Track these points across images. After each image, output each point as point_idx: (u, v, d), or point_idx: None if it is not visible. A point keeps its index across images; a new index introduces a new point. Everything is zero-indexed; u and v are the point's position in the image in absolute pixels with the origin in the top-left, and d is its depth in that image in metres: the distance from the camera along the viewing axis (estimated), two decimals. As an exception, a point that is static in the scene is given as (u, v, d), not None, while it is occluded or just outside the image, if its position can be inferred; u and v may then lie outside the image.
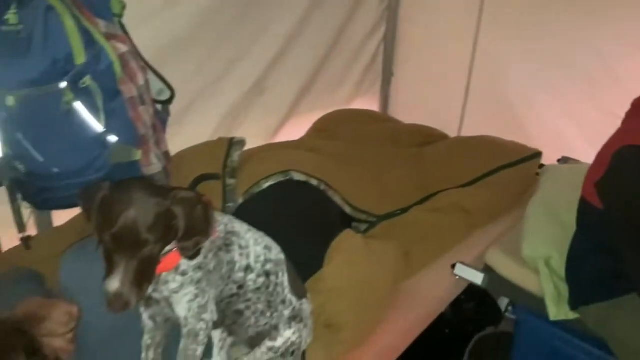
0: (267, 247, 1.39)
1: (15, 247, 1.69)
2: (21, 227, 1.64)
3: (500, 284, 1.79)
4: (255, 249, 1.36)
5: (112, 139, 1.44)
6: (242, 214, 1.71)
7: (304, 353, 1.47)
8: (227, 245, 1.29)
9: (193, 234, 1.15)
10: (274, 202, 1.81)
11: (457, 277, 1.86)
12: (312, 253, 1.71)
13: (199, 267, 1.21)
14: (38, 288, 1.49)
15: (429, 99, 2.88)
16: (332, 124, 2.58)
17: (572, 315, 1.60)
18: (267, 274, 1.37)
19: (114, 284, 1.06)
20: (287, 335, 1.42)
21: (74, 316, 1.33)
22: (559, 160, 2.39)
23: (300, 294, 1.48)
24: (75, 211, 1.77)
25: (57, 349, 1.32)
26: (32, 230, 1.72)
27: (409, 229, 2.00)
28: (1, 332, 1.26)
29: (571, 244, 1.60)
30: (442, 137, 2.61)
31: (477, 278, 1.81)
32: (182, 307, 1.23)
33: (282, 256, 1.44)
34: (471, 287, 1.92)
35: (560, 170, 2.20)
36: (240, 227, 1.36)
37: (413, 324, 1.74)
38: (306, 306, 1.49)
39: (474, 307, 2.22)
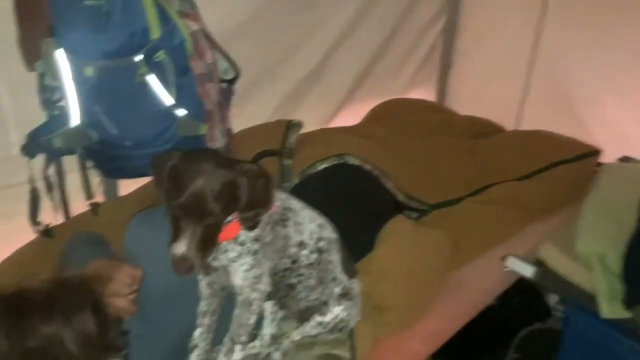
0: (320, 226, 1.43)
1: (83, 213, 1.79)
2: (89, 194, 1.74)
3: (551, 278, 1.77)
4: (309, 226, 1.40)
5: (181, 112, 1.51)
6: (297, 193, 1.75)
7: (351, 331, 1.51)
8: (283, 220, 1.34)
9: (254, 205, 1.19)
10: (328, 184, 1.84)
11: (507, 270, 1.85)
12: (363, 236, 1.74)
13: (256, 239, 1.26)
14: (103, 251, 1.58)
15: (487, 92, 2.84)
16: (387, 113, 2.59)
17: (625, 314, 1.57)
18: (320, 251, 1.41)
19: (180, 247, 1.11)
20: (336, 311, 1.45)
21: (136, 279, 1.40)
22: (620, 159, 2.32)
23: (351, 273, 1.51)
24: (141, 182, 1.87)
25: (119, 309, 1.39)
26: (99, 198, 1.82)
27: (460, 219, 2.00)
28: (69, 289, 1.35)
29: (630, 241, 1.57)
30: (499, 129, 2.59)
31: (528, 271, 1.79)
32: (239, 276, 1.28)
33: (334, 235, 1.47)
34: (520, 282, 1.91)
35: (620, 168, 2.15)
36: (296, 204, 1.41)
37: (460, 312, 1.74)
38: (356, 285, 1.52)
39: (522, 301, 2.20)
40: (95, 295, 1.35)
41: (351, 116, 2.66)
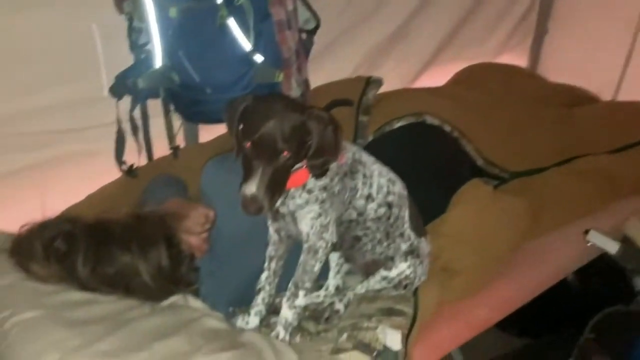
0: (391, 181, 1.41)
1: (165, 156, 1.87)
2: (171, 138, 1.80)
3: (637, 256, 1.66)
4: (378, 180, 1.38)
5: (258, 58, 1.52)
6: (371, 151, 1.73)
7: (416, 290, 1.48)
8: (352, 173, 1.33)
9: (322, 152, 1.19)
10: (403, 142, 1.81)
11: (589, 244, 1.76)
12: (436, 197, 1.70)
13: (324, 188, 1.26)
14: (181, 192, 1.65)
15: (584, 60, 2.67)
16: (474, 76, 2.49)
17: None
18: (389, 206, 1.39)
19: (251, 187, 1.13)
20: (402, 267, 1.44)
21: (209, 218, 1.46)
22: None
23: (419, 232, 1.49)
24: (219, 130, 1.91)
25: (192, 246, 1.46)
26: (180, 143, 1.88)
27: (543, 189, 1.90)
28: (147, 224, 1.42)
29: None
30: (594, 100, 2.42)
31: (611, 247, 1.69)
32: (306, 223, 1.29)
33: (405, 192, 1.45)
34: (604, 260, 1.80)
35: None
36: (367, 158, 1.39)
37: (533, 282, 1.67)
38: (424, 245, 1.49)
39: (604, 280, 2.08)
40: (170, 231, 1.43)
41: (435, 78, 2.59)
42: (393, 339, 1.32)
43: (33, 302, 1.20)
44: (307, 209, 1.28)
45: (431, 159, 1.79)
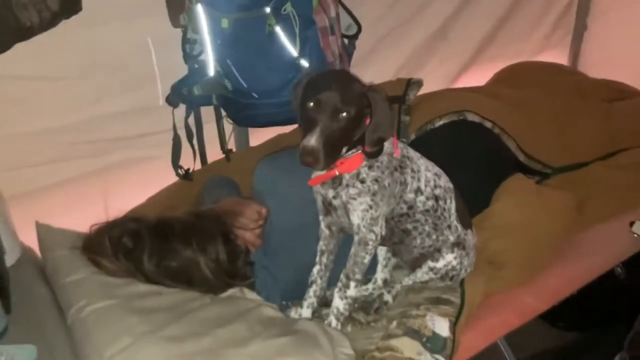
0: (437, 174, 1.47)
1: (218, 160, 1.97)
2: (223, 143, 1.91)
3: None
4: (426, 174, 1.44)
5: (304, 63, 1.61)
6: (414, 149, 1.79)
7: (462, 281, 1.53)
8: (401, 167, 1.39)
9: (379, 127, 1.26)
10: (445, 139, 1.86)
11: (636, 236, 1.77)
12: (479, 191, 1.75)
13: (376, 180, 1.33)
14: (234, 192, 1.74)
15: (625, 56, 2.67)
16: (515, 74, 2.51)
17: None
18: (436, 198, 1.45)
19: (310, 140, 1.20)
20: (448, 258, 1.49)
21: (262, 215, 1.54)
22: None
23: (466, 224, 1.53)
24: (268, 134, 2.01)
25: (247, 241, 1.54)
26: (231, 147, 1.98)
27: (586, 183, 1.93)
28: (205, 220, 1.52)
29: None
30: (635, 94, 2.42)
31: (658, 238, 1.70)
32: (357, 215, 1.35)
33: (450, 185, 1.50)
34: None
35: None
36: (414, 153, 1.45)
37: (579, 273, 1.70)
38: (470, 237, 1.54)
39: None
40: (226, 227, 1.52)
41: (476, 78, 2.62)
42: (441, 326, 1.37)
43: (105, 293, 1.30)
44: (359, 200, 1.34)
45: (473, 155, 1.83)
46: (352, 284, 1.39)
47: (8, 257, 1.39)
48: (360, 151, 1.30)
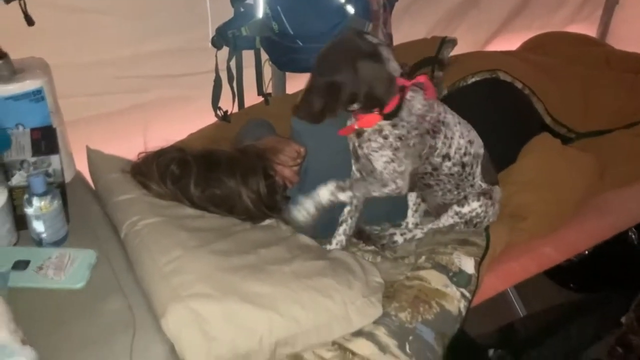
0: (470, 142, 1.51)
1: (255, 104, 2.05)
2: (261, 87, 1.97)
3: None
4: (459, 141, 1.49)
5: (350, 10, 1.66)
6: (446, 104, 1.86)
7: (487, 227, 1.60)
8: (434, 132, 1.44)
9: (373, 91, 1.34)
10: (477, 96, 1.91)
11: (653, 201, 1.83)
12: (507, 148, 1.80)
13: (399, 138, 1.40)
14: (272, 133, 1.81)
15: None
16: (543, 43, 2.54)
17: None
18: (463, 165, 1.51)
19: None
20: (474, 205, 1.55)
21: (301, 154, 1.62)
22: None
23: (492, 181, 1.59)
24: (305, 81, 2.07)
25: (285, 178, 1.62)
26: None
27: (609, 149, 1.97)
28: (248, 154, 1.60)
29: None
30: (662, 67, 2.45)
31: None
32: (379, 164, 1.42)
33: (481, 151, 1.55)
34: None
35: None
36: (452, 119, 1.49)
37: (597, 230, 1.77)
38: (497, 190, 1.60)
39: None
40: (267, 163, 1.60)
41: (505, 47, 2.65)
42: (467, 264, 1.46)
43: (156, 212, 1.39)
44: (380, 153, 1.41)
45: (503, 113, 1.88)
46: (348, 193, 1.45)
47: (65, 174, 1.48)
48: (377, 112, 1.37)
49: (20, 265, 1.25)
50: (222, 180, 1.51)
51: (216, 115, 1.96)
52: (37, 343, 1.04)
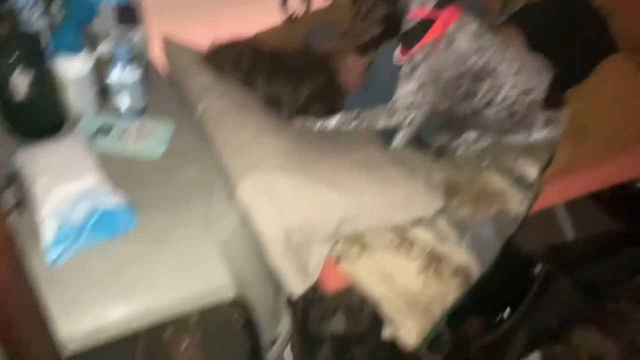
0: (525, 92, 1.44)
1: (320, 9, 2.05)
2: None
3: None
4: (508, 92, 1.43)
5: None
6: (520, 18, 1.81)
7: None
8: (477, 80, 1.40)
9: None
10: (553, 10, 1.85)
11: None
12: (578, 67, 1.76)
13: (431, 71, 1.38)
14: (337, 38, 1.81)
15: None
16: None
17: None
18: (513, 115, 1.46)
19: None
20: (539, 135, 1.53)
21: (365, 61, 1.63)
22: None
23: (559, 104, 1.57)
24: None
25: (349, 81, 1.65)
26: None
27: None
28: (313, 58, 1.63)
29: None
30: None
31: None
32: (402, 90, 1.42)
33: (541, 97, 1.49)
34: None
35: None
36: (507, 68, 1.41)
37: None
38: (564, 115, 1.57)
39: None
40: (331, 66, 1.63)
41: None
42: (531, 170, 1.46)
43: (232, 95, 1.45)
44: (406, 82, 1.40)
45: (576, 31, 1.82)
46: (356, 122, 1.44)
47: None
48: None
49: (103, 131, 1.32)
50: (286, 78, 1.54)
51: (283, 16, 1.96)
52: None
